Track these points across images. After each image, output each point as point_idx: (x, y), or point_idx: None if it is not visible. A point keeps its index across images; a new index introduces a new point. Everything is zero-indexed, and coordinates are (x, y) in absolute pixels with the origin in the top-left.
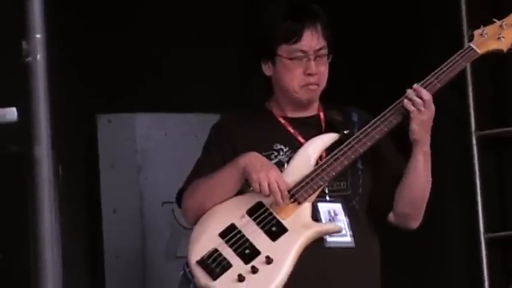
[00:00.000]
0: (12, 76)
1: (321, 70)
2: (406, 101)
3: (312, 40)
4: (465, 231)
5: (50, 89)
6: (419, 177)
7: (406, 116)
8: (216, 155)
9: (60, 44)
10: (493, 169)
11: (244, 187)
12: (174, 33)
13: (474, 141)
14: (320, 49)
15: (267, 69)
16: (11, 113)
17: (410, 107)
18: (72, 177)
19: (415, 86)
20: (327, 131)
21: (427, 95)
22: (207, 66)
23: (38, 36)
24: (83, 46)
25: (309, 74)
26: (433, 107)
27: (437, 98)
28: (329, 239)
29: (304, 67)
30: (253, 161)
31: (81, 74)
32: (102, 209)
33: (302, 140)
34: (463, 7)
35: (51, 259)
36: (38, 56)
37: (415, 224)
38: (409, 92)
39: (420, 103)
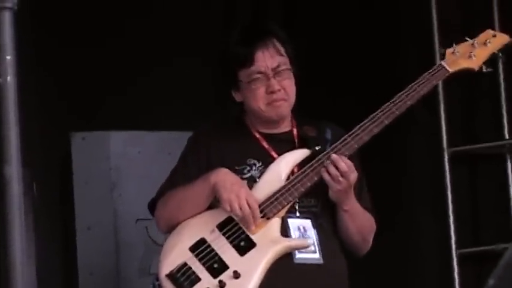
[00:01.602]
0: None
1: (285, 85)
2: (322, 169)
3: (266, 60)
4: (437, 247)
5: (23, 109)
6: (347, 225)
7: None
8: (191, 165)
9: (34, 63)
10: (464, 185)
11: (216, 201)
12: (148, 51)
13: (446, 158)
14: (278, 66)
15: (236, 96)
16: None
17: (326, 177)
18: (46, 194)
19: (332, 156)
20: (300, 146)
21: (343, 167)
22: (181, 84)
23: (8, 57)
24: (57, 64)
25: (272, 92)
26: (353, 175)
27: (409, 114)
28: (298, 254)
29: (265, 86)
30: (223, 179)
31: (55, 92)
32: (76, 226)
33: (275, 156)
34: (435, 23)
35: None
36: (8, 78)
37: (359, 253)
38: (327, 162)
39: (336, 175)
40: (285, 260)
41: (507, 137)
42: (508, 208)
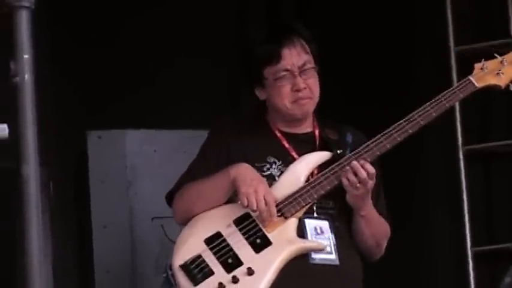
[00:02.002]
0: (5, 93)
1: (310, 83)
2: (342, 174)
3: (292, 57)
4: (452, 245)
5: (40, 107)
6: (362, 230)
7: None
8: (211, 159)
9: (50, 62)
10: (479, 183)
11: (234, 196)
12: (164, 50)
13: (461, 156)
14: (304, 64)
15: (260, 94)
16: (2, 130)
17: (345, 182)
18: (63, 193)
19: (353, 163)
20: (321, 148)
21: (363, 174)
22: (197, 83)
23: (26, 56)
24: (73, 63)
25: (297, 90)
26: (371, 182)
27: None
28: (314, 255)
29: (291, 84)
30: (243, 173)
31: (72, 91)
32: (92, 224)
33: (295, 156)
34: (450, 20)
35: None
36: (26, 76)
37: (372, 258)
38: (347, 168)
39: (355, 181)
40: (301, 260)
41: None
42: None
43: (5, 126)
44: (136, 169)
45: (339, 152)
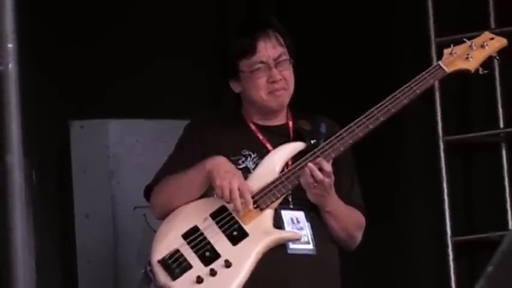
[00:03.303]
0: None
1: (285, 75)
2: (300, 174)
3: (267, 50)
4: (432, 235)
5: (22, 97)
6: (331, 224)
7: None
8: (187, 153)
9: (33, 52)
10: (459, 174)
11: (212, 190)
12: (146, 42)
13: (441, 147)
14: (279, 56)
15: (235, 87)
16: None
17: (302, 181)
18: (45, 182)
19: (308, 165)
20: (295, 140)
21: (318, 175)
22: (178, 74)
23: (10, 45)
24: (56, 53)
25: (273, 82)
26: (327, 181)
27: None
28: (291, 245)
29: (267, 76)
30: (218, 166)
31: (54, 81)
32: (74, 214)
33: (270, 148)
34: (431, 15)
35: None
36: (10, 65)
37: (347, 249)
38: (305, 169)
39: (311, 182)
40: (278, 251)
41: (502, 125)
42: (503, 196)
43: None
44: (118, 159)
45: (312, 142)
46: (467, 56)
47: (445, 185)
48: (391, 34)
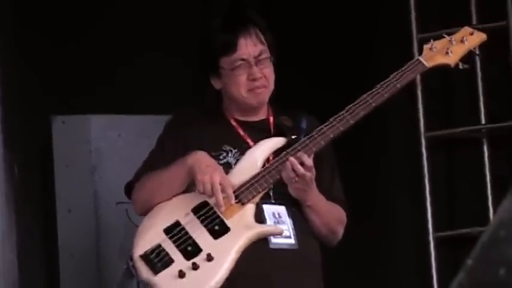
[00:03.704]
0: None
1: (266, 73)
2: (281, 168)
3: (248, 47)
4: (414, 230)
5: (4, 91)
6: (312, 219)
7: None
8: (168, 149)
9: (16, 46)
10: (441, 169)
11: (193, 185)
12: (129, 38)
13: (423, 142)
14: (259, 54)
15: (216, 83)
16: None
17: (283, 176)
18: (27, 177)
19: (290, 159)
20: (276, 135)
21: (299, 169)
22: (161, 70)
23: None
24: (39, 48)
25: (254, 79)
26: (308, 175)
27: (385, 101)
28: (273, 240)
29: (247, 73)
30: (200, 160)
31: (36, 76)
32: (56, 208)
33: (251, 143)
34: (413, 11)
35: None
36: None
37: (329, 244)
38: (286, 163)
39: (293, 176)
40: (260, 245)
41: (483, 121)
42: (484, 192)
43: None
44: (100, 153)
45: (293, 137)
46: (447, 50)
47: (426, 181)
48: (373, 30)
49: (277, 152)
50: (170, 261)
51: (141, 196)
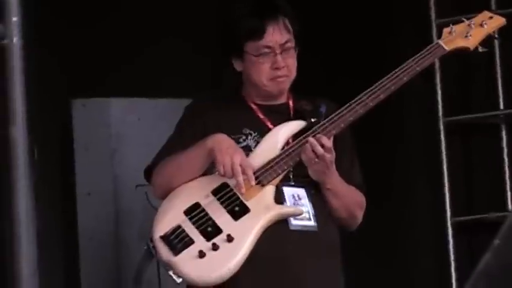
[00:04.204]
0: None
1: (289, 62)
2: (301, 150)
3: (275, 35)
4: (432, 215)
5: (25, 73)
6: (332, 202)
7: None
8: (187, 134)
9: (35, 28)
10: (459, 155)
11: (213, 168)
12: (150, 22)
13: (441, 128)
14: (285, 43)
15: (237, 65)
16: None
17: (303, 158)
18: (47, 160)
19: (309, 139)
20: (295, 118)
21: (319, 150)
22: (180, 55)
23: (15, 19)
24: (59, 31)
25: (276, 68)
26: (328, 156)
27: (405, 84)
28: (293, 221)
29: (271, 62)
30: (220, 142)
31: (56, 59)
32: (76, 191)
33: (271, 126)
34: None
35: (26, 240)
36: (14, 39)
37: (348, 228)
38: (306, 144)
39: (313, 157)
40: (280, 226)
41: (502, 107)
42: (502, 177)
43: None
44: (120, 137)
45: (313, 120)
46: (467, 34)
47: (444, 166)
48: (392, 16)
49: (297, 135)
50: (190, 242)
51: (161, 179)
